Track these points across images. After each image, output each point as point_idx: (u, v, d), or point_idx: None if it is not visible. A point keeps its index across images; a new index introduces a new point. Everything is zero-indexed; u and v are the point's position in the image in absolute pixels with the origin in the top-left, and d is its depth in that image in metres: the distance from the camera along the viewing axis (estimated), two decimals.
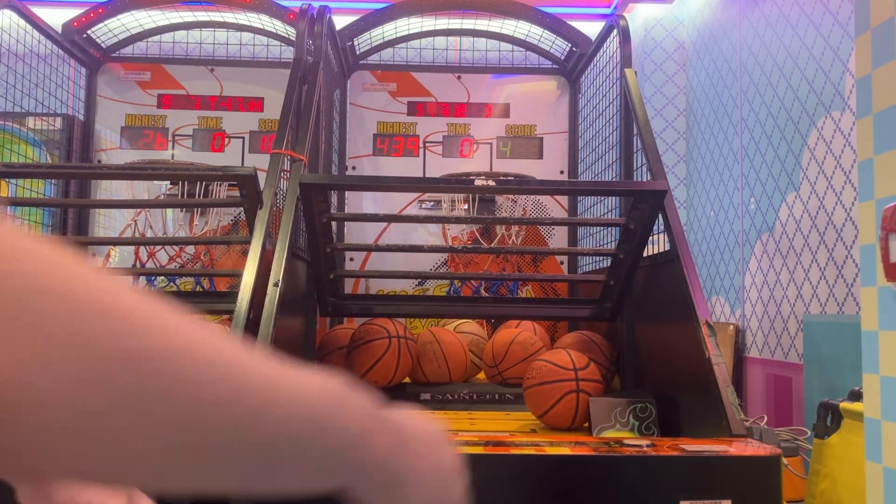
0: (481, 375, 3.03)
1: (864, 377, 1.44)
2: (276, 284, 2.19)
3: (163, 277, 3.69)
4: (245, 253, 2.28)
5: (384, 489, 0.49)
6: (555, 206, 3.89)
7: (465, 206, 3.59)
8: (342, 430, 0.46)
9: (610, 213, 3.30)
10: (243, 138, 3.88)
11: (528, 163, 3.92)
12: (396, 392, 2.74)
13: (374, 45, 3.97)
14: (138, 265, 3.66)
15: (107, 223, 3.77)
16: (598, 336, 2.84)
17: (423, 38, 4.05)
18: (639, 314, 2.74)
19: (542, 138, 3.98)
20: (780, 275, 3.40)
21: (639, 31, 4.61)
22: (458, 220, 3.22)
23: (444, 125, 3.96)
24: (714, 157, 4.21)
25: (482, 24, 3.90)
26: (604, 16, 4.39)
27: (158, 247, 3.66)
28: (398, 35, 3.98)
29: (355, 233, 3.87)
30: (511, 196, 3.69)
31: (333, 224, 2.69)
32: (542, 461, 1.60)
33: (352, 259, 3.79)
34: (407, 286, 3.80)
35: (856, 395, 2.17)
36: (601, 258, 3.29)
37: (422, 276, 3.50)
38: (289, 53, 3.90)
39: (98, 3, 3.63)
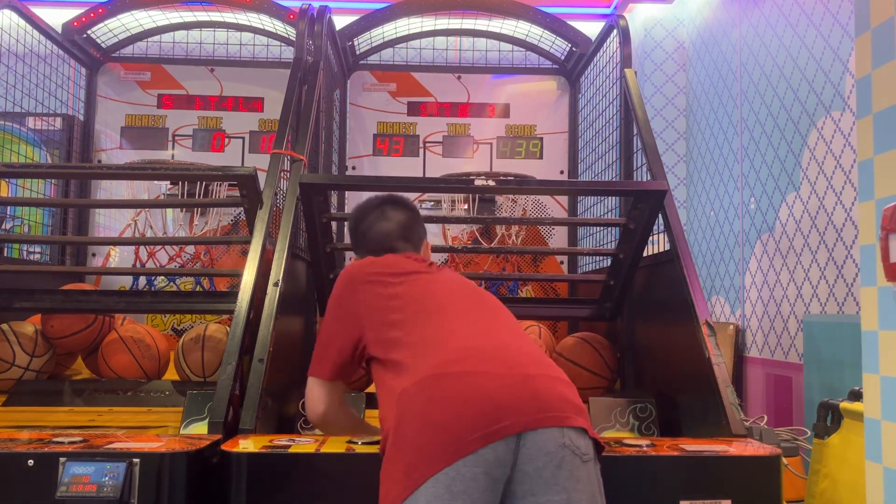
0: None
1: (864, 377, 1.44)
2: (276, 284, 2.19)
3: (163, 277, 3.69)
4: (245, 253, 2.28)
5: None
6: (555, 206, 3.89)
7: (465, 206, 3.59)
8: None
9: (610, 213, 3.30)
10: (243, 138, 3.88)
11: (528, 163, 3.92)
12: None
13: (374, 45, 3.97)
14: (138, 265, 3.66)
15: (107, 223, 3.76)
16: (601, 339, 2.82)
17: (423, 38, 4.04)
18: (639, 314, 2.74)
19: (542, 138, 3.98)
20: (780, 275, 3.40)
21: (639, 31, 4.61)
22: (458, 220, 3.21)
23: (445, 125, 3.96)
24: (714, 157, 4.21)
25: (482, 24, 3.90)
26: (604, 16, 4.38)
27: (158, 247, 3.67)
28: (398, 35, 3.98)
29: None
30: (511, 196, 3.69)
31: (333, 224, 2.69)
32: None
33: (351, 259, 3.78)
34: None
35: (856, 395, 2.17)
36: (601, 258, 3.29)
37: None
38: (289, 53, 3.90)
39: (98, 3, 3.63)
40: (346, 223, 3.80)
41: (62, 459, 1.55)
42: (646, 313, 2.68)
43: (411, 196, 3.77)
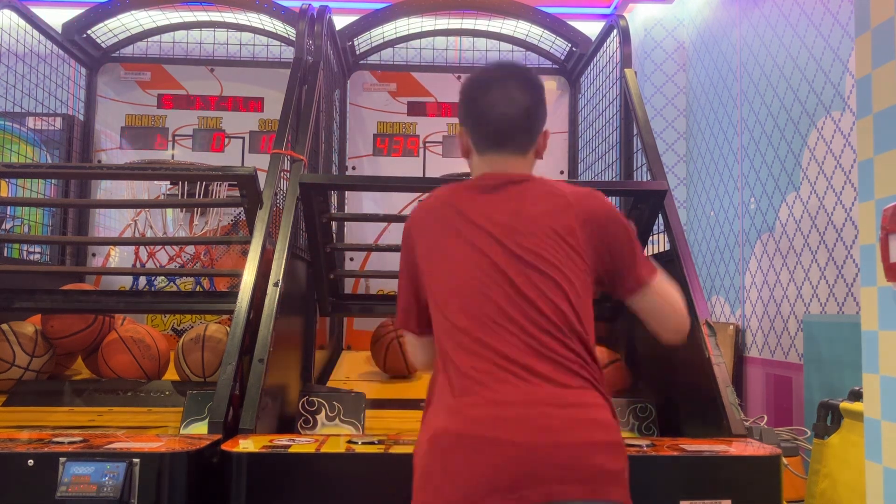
0: None
1: (864, 377, 1.44)
2: (276, 284, 2.19)
3: (163, 277, 3.69)
4: (245, 253, 2.28)
5: None
6: None
7: None
8: None
9: None
10: (243, 138, 3.88)
11: None
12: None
13: (374, 45, 3.97)
14: (138, 265, 3.66)
15: (107, 223, 3.76)
16: (607, 351, 2.72)
17: (423, 38, 4.04)
18: None
19: None
20: (780, 275, 3.40)
21: (639, 31, 4.61)
22: None
23: (444, 125, 3.96)
24: (714, 157, 4.21)
25: (482, 24, 3.90)
26: (604, 16, 4.38)
27: (158, 247, 3.67)
28: (398, 35, 3.98)
29: (355, 233, 3.87)
30: None
31: (333, 224, 2.70)
32: None
33: (352, 259, 3.78)
34: None
35: (856, 395, 2.17)
36: None
37: None
38: (289, 53, 3.90)
39: (98, 3, 3.63)
40: (345, 223, 3.82)
41: (62, 459, 1.55)
42: None
43: (410, 196, 3.81)
